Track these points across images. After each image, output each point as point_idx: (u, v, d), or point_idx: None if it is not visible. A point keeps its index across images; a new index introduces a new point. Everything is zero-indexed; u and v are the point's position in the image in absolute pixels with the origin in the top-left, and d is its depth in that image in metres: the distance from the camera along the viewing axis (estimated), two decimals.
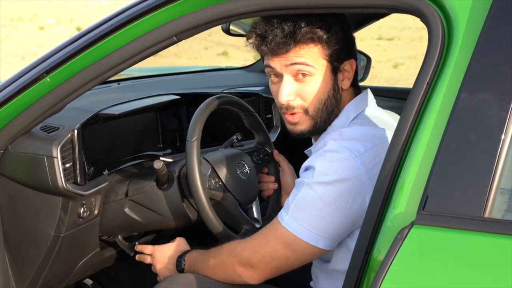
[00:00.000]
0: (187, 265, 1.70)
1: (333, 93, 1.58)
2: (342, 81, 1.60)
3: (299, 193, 1.50)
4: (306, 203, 1.48)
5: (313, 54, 1.53)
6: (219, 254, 1.62)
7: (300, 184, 1.51)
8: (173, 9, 1.47)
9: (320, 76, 1.55)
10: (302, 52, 1.53)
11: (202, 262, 1.66)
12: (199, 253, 1.70)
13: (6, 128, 1.63)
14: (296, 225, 1.48)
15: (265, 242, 1.53)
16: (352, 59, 1.60)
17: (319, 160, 1.50)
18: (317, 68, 1.54)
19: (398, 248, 1.11)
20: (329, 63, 1.55)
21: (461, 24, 1.21)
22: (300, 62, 1.53)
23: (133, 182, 1.88)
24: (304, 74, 1.54)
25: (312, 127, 1.59)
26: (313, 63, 1.53)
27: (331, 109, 1.59)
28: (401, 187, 1.18)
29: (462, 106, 1.15)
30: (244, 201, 1.88)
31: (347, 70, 1.60)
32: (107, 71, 1.55)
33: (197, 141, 1.73)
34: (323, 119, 1.59)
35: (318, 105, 1.57)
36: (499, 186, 1.11)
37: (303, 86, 1.55)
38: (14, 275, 1.79)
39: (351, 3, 1.34)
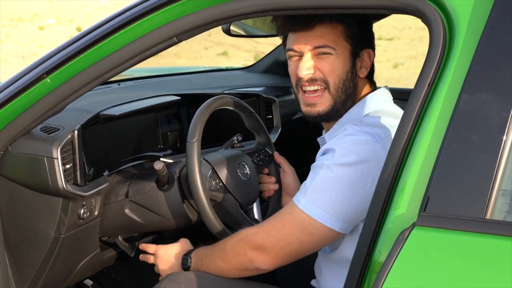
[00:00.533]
0: (193, 262, 1.68)
1: (351, 76, 1.61)
2: (360, 68, 1.64)
3: (317, 175, 1.49)
4: (325, 184, 1.47)
5: (335, 33, 1.58)
6: (229, 242, 1.60)
7: (319, 167, 1.51)
8: (174, 10, 1.46)
9: (340, 57, 1.59)
10: (326, 31, 1.57)
11: (210, 255, 1.64)
12: (206, 248, 1.68)
13: (6, 129, 1.63)
14: (313, 207, 1.47)
15: (280, 226, 1.51)
16: (370, 49, 1.65)
17: (339, 143, 1.50)
18: (338, 49, 1.59)
19: (399, 250, 1.11)
20: (350, 45, 1.60)
21: (463, 25, 1.20)
22: (321, 45, 1.58)
23: (134, 183, 1.88)
24: (325, 53, 1.59)
25: (331, 109, 1.61)
26: (335, 44, 1.58)
27: (349, 92, 1.61)
28: (402, 188, 1.18)
29: (464, 107, 1.15)
30: (245, 202, 1.87)
31: (365, 59, 1.64)
32: (107, 72, 1.55)
33: (197, 142, 1.73)
34: (342, 100, 1.61)
35: (338, 83, 1.59)
36: (501, 188, 1.11)
37: (322, 62, 1.59)
38: (14, 276, 1.79)
39: (352, 4, 1.34)
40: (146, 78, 2.77)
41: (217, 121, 2.00)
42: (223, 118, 2.22)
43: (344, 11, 1.38)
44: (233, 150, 1.99)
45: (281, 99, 2.71)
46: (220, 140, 2.12)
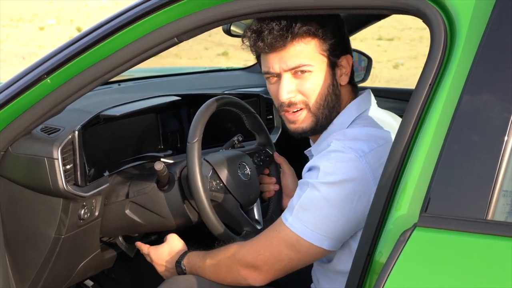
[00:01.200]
0: (187, 270, 1.69)
1: (332, 89, 1.57)
2: (340, 76, 1.60)
3: (304, 193, 1.49)
4: (311, 203, 1.47)
5: (310, 49, 1.53)
6: (221, 258, 1.61)
7: (304, 184, 1.51)
8: (174, 10, 1.46)
9: (319, 72, 1.55)
10: (299, 48, 1.52)
11: (203, 268, 1.65)
12: (198, 257, 1.68)
13: (6, 129, 1.63)
14: (300, 225, 1.48)
15: (269, 244, 1.53)
16: (348, 55, 1.61)
17: (323, 160, 1.49)
18: (315, 64, 1.54)
19: (400, 251, 1.11)
20: (327, 58, 1.55)
21: (464, 25, 1.20)
22: (297, 65, 1.53)
23: (134, 184, 1.88)
24: (303, 71, 1.54)
25: (314, 125, 1.58)
26: (311, 60, 1.53)
27: (332, 105, 1.58)
28: (403, 189, 1.18)
29: (465, 107, 1.15)
30: (245, 202, 1.87)
31: (344, 65, 1.60)
32: (108, 73, 1.54)
33: (198, 143, 1.73)
34: (325, 115, 1.58)
35: (319, 101, 1.56)
36: (502, 188, 1.10)
37: (302, 82, 1.55)
38: (15, 276, 1.79)
39: (353, 4, 1.33)
40: (147, 78, 2.77)
41: (217, 121, 1.99)
42: (223, 118, 2.22)
43: (346, 12, 1.38)
44: (234, 150, 1.99)
45: None
46: (220, 140, 2.12)
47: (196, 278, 1.65)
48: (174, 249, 1.76)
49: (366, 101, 1.63)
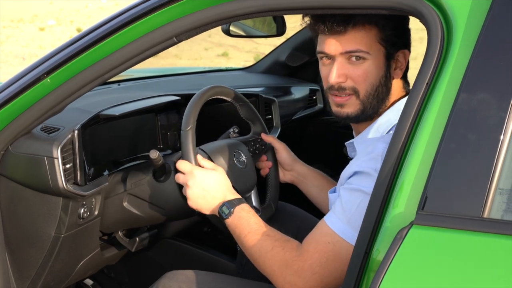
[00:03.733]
0: (230, 220, 1.59)
1: (384, 80, 1.56)
2: (394, 70, 1.59)
3: (359, 201, 1.43)
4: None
5: (369, 37, 1.53)
6: (275, 254, 1.51)
7: (356, 191, 1.45)
8: (173, 10, 1.47)
9: (374, 61, 1.54)
10: (359, 34, 1.52)
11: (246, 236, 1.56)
12: (248, 219, 1.58)
13: (6, 128, 1.63)
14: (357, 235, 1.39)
15: (324, 260, 1.44)
16: (406, 50, 1.60)
17: (374, 166, 1.43)
18: (372, 53, 1.53)
19: (397, 248, 1.12)
20: (384, 49, 1.55)
21: (460, 25, 1.21)
22: (354, 50, 1.53)
23: (131, 176, 1.88)
24: (358, 58, 1.54)
25: (360, 112, 1.57)
26: (368, 48, 1.53)
27: (382, 97, 1.57)
28: (400, 187, 1.18)
29: (461, 106, 1.15)
30: (242, 190, 1.87)
31: (400, 60, 1.59)
32: (108, 72, 1.55)
33: (192, 130, 1.72)
34: (373, 105, 1.57)
35: (369, 90, 1.55)
36: (498, 186, 1.11)
37: (355, 69, 1.54)
38: (15, 275, 1.79)
39: (350, 4, 1.34)
40: (146, 78, 2.77)
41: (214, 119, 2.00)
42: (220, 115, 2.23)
43: (343, 12, 1.38)
44: (229, 139, 1.98)
45: (280, 99, 2.71)
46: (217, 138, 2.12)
47: (195, 272, 1.66)
48: (224, 182, 1.66)
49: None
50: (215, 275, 1.72)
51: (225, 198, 1.63)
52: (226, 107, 1.98)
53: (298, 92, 3.01)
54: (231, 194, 1.65)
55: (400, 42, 1.58)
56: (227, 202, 1.61)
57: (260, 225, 1.57)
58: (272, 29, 2.62)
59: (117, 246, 2.04)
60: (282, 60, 3.14)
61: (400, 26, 1.58)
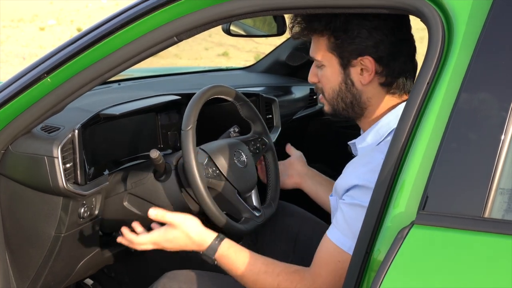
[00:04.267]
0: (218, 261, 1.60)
1: (345, 86, 1.58)
2: (361, 75, 1.55)
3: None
4: None
5: (321, 45, 1.59)
6: (272, 275, 1.53)
7: (359, 206, 1.45)
8: (174, 9, 1.47)
9: (329, 68, 1.59)
10: (315, 43, 1.60)
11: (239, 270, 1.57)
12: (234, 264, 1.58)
13: (6, 128, 1.63)
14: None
15: (337, 279, 1.46)
16: (368, 56, 1.53)
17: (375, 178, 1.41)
18: (324, 60, 1.59)
19: (398, 248, 1.11)
20: (336, 57, 1.57)
21: (461, 24, 1.21)
22: (312, 57, 1.62)
23: (132, 176, 1.88)
24: (318, 63, 1.61)
25: (332, 111, 1.64)
26: (321, 56, 1.59)
27: (349, 101, 1.59)
28: (401, 187, 1.18)
29: (462, 106, 1.15)
30: (243, 189, 1.86)
31: (367, 65, 1.54)
32: (108, 72, 1.55)
33: (192, 130, 1.72)
34: (342, 108, 1.61)
35: (331, 93, 1.61)
36: (499, 186, 1.11)
37: (320, 72, 1.62)
38: (15, 275, 1.79)
39: (350, 4, 1.34)
40: (146, 78, 2.77)
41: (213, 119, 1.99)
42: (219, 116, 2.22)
43: (343, 11, 1.38)
44: (229, 139, 1.98)
45: (281, 99, 2.71)
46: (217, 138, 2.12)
47: (196, 272, 1.66)
48: (191, 234, 1.62)
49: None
50: (215, 275, 1.71)
51: (201, 249, 1.61)
52: (227, 106, 1.98)
53: (299, 92, 3.01)
54: (204, 241, 1.61)
55: (358, 48, 1.53)
56: (204, 254, 1.60)
57: (250, 263, 1.55)
58: (272, 28, 2.62)
59: (117, 245, 2.03)
60: (283, 60, 3.14)
61: (358, 32, 1.53)
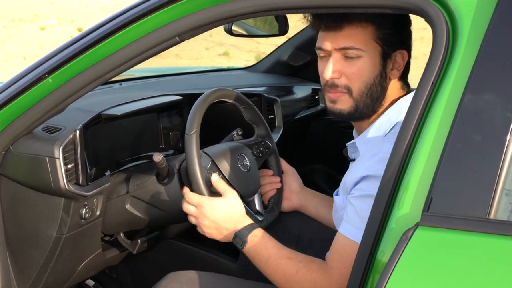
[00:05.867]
0: (246, 248, 1.58)
1: (379, 80, 1.56)
2: (391, 70, 1.58)
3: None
4: None
5: (365, 34, 1.53)
6: (298, 280, 1.52)
7: (369, 197, 1.44)
8: (176, 9, 1.46)
9: (369, 59, 1.54)
10: (355, 31, 1.53)
11: (267, 262, 1.56)
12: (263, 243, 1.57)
13: (8, 128, 1.63)
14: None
15: (346, 270, 1.43)
16: (404, 50, 1.58)
17: (382, 169, 1.42)
18: (366, 50, 1.54)
19: (402, 250, 1.11)
20: (380, 47, 1.55)
21: (466, 24, 1.20)
22: (348, 46, 1.53)
23: (134, 178, 1.87)
24: (353, 55, 1.54)
25: (353, 110, 1.58)
26: (363, 45, 1.53)
27: (376, 96, 1.57)
28: (405, 188, 1.17)
29: (467, 106, 1.15)
30: (246, 193, 1.86)
31: (398, 60, 1.58)
32: (109, 72, 1.54)
33: (196, 134, 1.71)
34: (366, 104, 1.57)
35: (362, 88, 1.56)
36: (505, 187, 1.10)
37: (349, 65, 1.55)
38: (16, 276, 1.78)
39: (354, 3, 1.33)
40: (148, 78, 2.76)
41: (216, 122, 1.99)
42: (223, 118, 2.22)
43: (347, 11, 1.37)
44: (233, 142, 1.96)
45: (283, 99, 2.70)
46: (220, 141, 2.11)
47: (198, 274, 1.65)
48: (235, 210, 1.63)
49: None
50: (217, 276, 1.71)
51: (237, 227, 1.61)
52: (229, 106, 1.97)
53: (300, 92, 3.01)
54: (243, 220, 1.63)
55: (398, 42, 1.57)
56: (239, 232, 1.60)
57: (278, 248, 1.56)
58: (274, 28, 2.62)
59: (118, 246, 2.03)
60: (284, 60, 3.14)
61: (399, 25, 1.57)
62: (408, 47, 1.61)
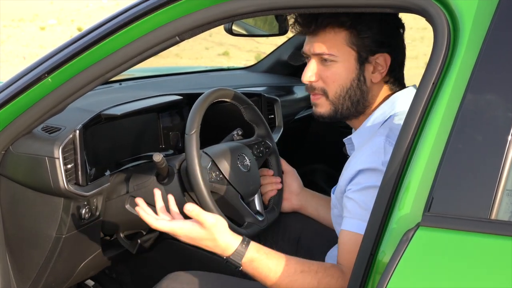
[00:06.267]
0: (244, 267, 1.50)
1: (357, 83, 1.57)
2: (373, 74, 1.59)
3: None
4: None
5: (338, 40, 1.55)
6: (311, 273, 1.47)
7: (371, 188, 1.44)
8: (176, 9, 1.46)
9: (343, 64, 1.56)
10: (327, 38, 1.55)
11: (269, 275, 1.48)
12: (263, 262, 1.48)
13: (7, 128, 1.62)
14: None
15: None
16: (386, 53, 1.58)
17: (380, 160, 1.46)
18: (339, 55, 1.56)
19: (403, 250, 1.10)
20: (355, 52, 1.56)
21: (467, 24, 1.20)
22: (320, 53, 1.56)
23: (134, 178, 1.87)
24: (328, 60, 1.57)
25: (333, 113, 1.60)
26: (337, 51, 1.55)
27: (356, 99, 1.58)
28: (406, 188, 1.17)
29: (468, 106, 1.14)
30: (246, 193, 1.85)
31: (380, 63, 1.58)
32: (109, 72, 1.54)
33: (196, 134, 1.71)
34: (346, 107, 1.59)
35: (339, 91, 1.58)
36: (506, 187, 1.10)
37: (325, 69, 1.58)
38: (16, 276, 1.78)
39: (355, 3, 1.33)
40: (148, 77, 2.76)
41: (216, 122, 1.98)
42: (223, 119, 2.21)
43: (348, 10, 1.37)
44: (233, 142, 1.96)
45: (283, 98, 2.70)
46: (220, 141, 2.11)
47: (199, 274, 1.65)
48: (217, 238, 1.49)
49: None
50: (217, 276, 1.70)
51: (226, 254, 1.49)
52: (229, 106, 1.97)
53: (300, 92, 3.00)
54: (231, 244, 1.49)
55: (377, 46, 1.56)
56: (230, 259, 1.49)
57: (285, 264, 1.46)
58: (274, 28, 2.61)
59: (118, 247, 2.03)
60: (284, 59, 3.13)
61: (378, 29, 1.56)
62: (393, 49, 1.59)
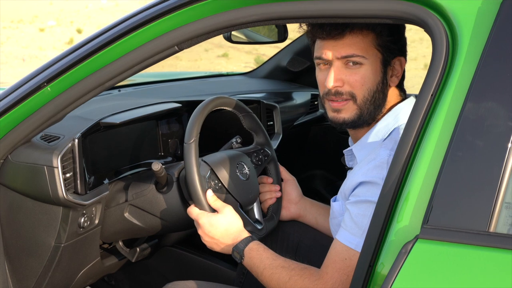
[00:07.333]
0: (245, 261, 1.62)
1: (381, 86, 1.57)
2: (391, 77, 1.59)
3: (370, 213, 1.42)
4: None
5: (366, 42, 1.53)
6: (290, 287, 1.53)
7: (366, 202, 1.45)
8: (175, 19, 1.46)
9: (371, 66, 1.55)
10: (356, 40, 1.53)
11: (262, 273, 1.59)
12: (259, 255, 1.61)
13: (6, 137, 1.62)
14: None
15: (345, 278, 1.46)
16: (402, 57, 1.60)
17: (380, 175, 1.45)
18: (368, 58, 1.54)
19: (402, 263, 1.10)
20: (381, 54, 1.55)
21: (466, 35, 1.20)
22: (350, 54, 1.53)
23: (133, 187, 1.87)
24: (355, 63, 1.54)
25: (357, 118, 1.57)
26: (364, 53, 1.53)
27: (378, 103, 1.58)
28: (405, 200, 1.17)
29: (467, 117, 1.14)
30: (245, 202, 1.86)
31: (396, 67, 1.60)
32: (108, 81, 1.54)
33: (195, 143, 1.71)
34: (369, 111, 1.57)
35: (366, 95, 1.56)
36: (505, 200, 1.10)
37: (352, 73, 1.55)
38: (14, 285, 1.78)
39: (355, 14, 1.33)
40: (147, 83, 2.76)
41: (216, 128, 1.98)
42: (222, 125, 2.21)
43: (347, 21, 1.37)
44: (232, 150, 1.96)
45: (282, 105, 2.70)
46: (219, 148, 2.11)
47: (197, 283, 1.64)
48: (232, 226, 1.67)
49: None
50: (216, 285, 1.70)
51: (234, 242, 1.65)
52: (228, 113, 1.97)
53: (300, 98, 3.00)
54: (240, 235, 1.66)
55: (397, 49, 1.59)
56: (236, 247, 1.64)
57: (272, 259, 1.59)
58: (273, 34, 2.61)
59: (117, 254, 2.03)
60: (284, 65, 3.14)
61: (397, 33, 1.58)
62: (405, 54, 1.63)
